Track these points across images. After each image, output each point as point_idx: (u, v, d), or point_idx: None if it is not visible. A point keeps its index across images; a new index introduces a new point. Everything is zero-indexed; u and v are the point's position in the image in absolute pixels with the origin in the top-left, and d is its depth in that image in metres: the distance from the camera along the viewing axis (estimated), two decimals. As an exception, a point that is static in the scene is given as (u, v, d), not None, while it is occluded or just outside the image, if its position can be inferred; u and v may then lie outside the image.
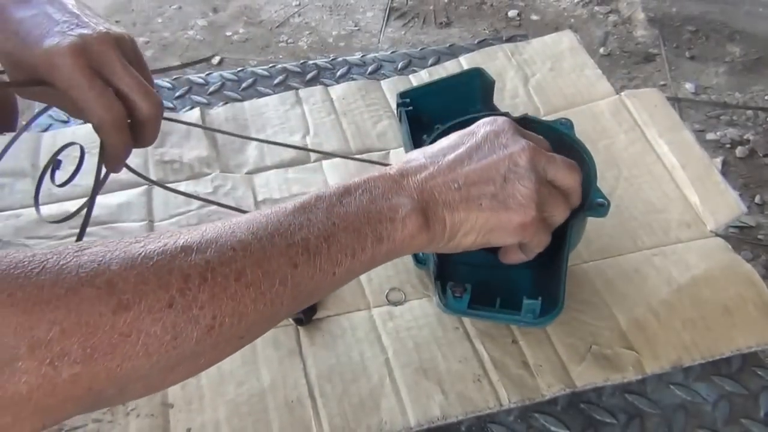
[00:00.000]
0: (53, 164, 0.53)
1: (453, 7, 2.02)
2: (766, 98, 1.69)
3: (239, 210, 0.62)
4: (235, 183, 0.66)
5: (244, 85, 0.77)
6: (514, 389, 0.51)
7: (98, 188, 0.53)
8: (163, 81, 0.78)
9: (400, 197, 0.42)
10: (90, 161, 0.61)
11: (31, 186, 0.65)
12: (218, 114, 0.73)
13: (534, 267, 0.53)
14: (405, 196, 0.42)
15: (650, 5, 1.98)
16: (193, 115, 0.72)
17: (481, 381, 0.52)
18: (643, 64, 1.80)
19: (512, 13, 1.99)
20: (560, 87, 0.75)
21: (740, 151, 1.56)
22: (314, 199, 0.41)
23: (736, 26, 1.89)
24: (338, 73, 0.79)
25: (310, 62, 0.81)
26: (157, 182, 0.63)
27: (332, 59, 0.81)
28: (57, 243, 0.60)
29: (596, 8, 1.99)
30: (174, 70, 0.56)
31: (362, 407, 0.50)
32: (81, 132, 0.70)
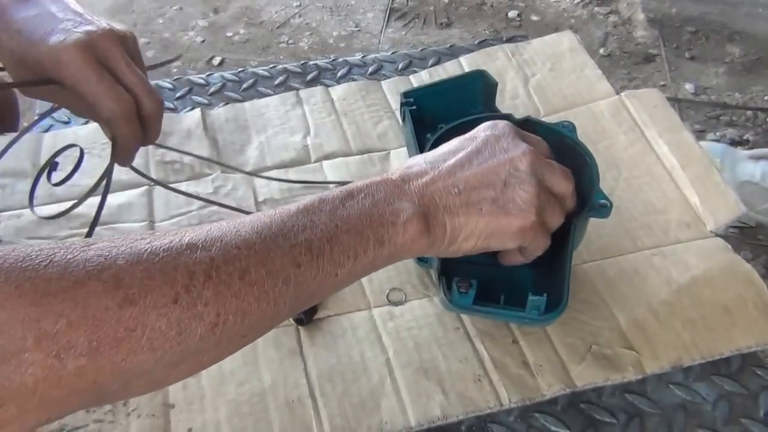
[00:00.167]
0: (50, 165, 0.53)
1: (453, 8, 2.02)
2: (766, 99, 1.69)
3: (241, 210, 0.62)
4: (236, 183, 0.66)
5: (245, 86, 0.77)
6: (515, 389, 0.51)
7: (108, 183, 0.53)
8: (164, 82, 0.78)
9: (402, 202, 0.43)
10: (89, 161, 0.61)
11: (32, 186, 0.66)
12: (219, 114, 0.73)
13: (537, 266, 0.53)
14: (406, 201, 0.43)
15: (650, 6, 1.98)
16: (194, 116, 0.72)
17: (482, 381, 0.52)
18: (643, 65, 1.80)
19: (512, 14, 1.99)
20: (560, 87, 0.75)
21: (740, 152, 1.56)
22: (318, 202, 0.41)
23: (736, 27, 1.89)
24: (339, 74, 0.79)
25: (311, 63, 0.81)
26: (162, 183, 0.63)
27: (333, 60, 0.81)
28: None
29: (596, 9, 1.99)
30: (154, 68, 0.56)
31: (363, 407, 0.50)
32: (82, 133, 0.70)
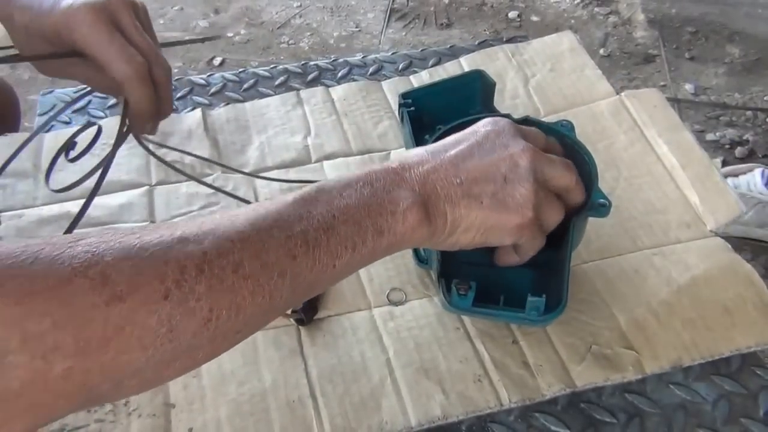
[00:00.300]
0: (69, 143, 0.54)
1: (453, 9, 2.02)
2: (766, 99, 1.69)
3: (245, 201, 0.63)
4: (237, 184, 0.66)
5: (246, 86, 0.78)
6: (515, 389, 0.51)
7: (117, 147, 0.53)
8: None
9: (401, 190, 0.42)
10: (89, 160, 0.62)
11: (33, 186, 0.66)
12: (219, 115, 0.73)
13: (536, 266, 0.53)
14: (406, 189, 0.42)
15: (650, 6, 1.98)
16: (195, 116, 0.72)
17: (482, 381, 0.52)
18: (643, 65, 1.80)
19: (512, 15, 1.99)
20: (560, 87, 0.75)
21: (739, 152, 1.56)
22: (315, 191, 0.40)
23: (736, 27, 1.89)
24: (339, 74, 0.79)
25: (311, 63, 0.81)
26: (190, 176, 0.64)
27: (333, 60, 0.81)
28: (59, 243, 0.61)
29: (596, 9, 1.99)
30: (181, 45, 0.58)
31: (363, 407, 0.50)
32: (81, 133, 0.70)
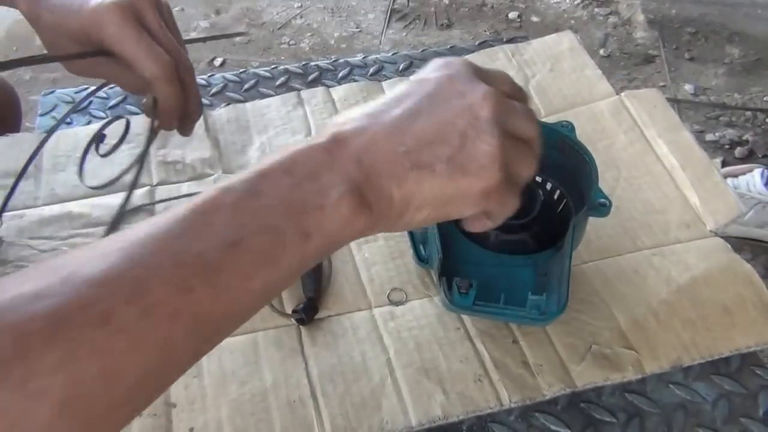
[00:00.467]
0: (98, 138, 0.55)
1: (454, 9, 2.02)
2: (765, 99, 1.70)
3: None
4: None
5: (246, 87, 0.78)
6: (515, 389, 0.51)
7: (149, 144, 0.54)
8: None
9: (332, 173, 0.34)
10: (91, 161, 0.62)
11: (34, 187, 0.66)
12: (220, 115, 0.73)
13: (537, 266, 0.53)
14: (337, 172, 0.34)
15: (650, 7, 1.98)
16: (195, 117, 0.72)
17: (482, 381, 0.52)
18: (643, 66, 1.80)
19: (513, 15, 1.99)
20: (560, 88, 0.75)
21: (739, 152, 1.56)
22: (217, 194, 0.32)
23: (735, 28, 1.89)
24: (340, 75, 0.79)
25: (312, 63, 0.81)
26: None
27: (334, 60, 0.81)
28: (59, 243, 0.61)
29: (596, 10, 2.00)
30: (201, 42, 0.59)
31: (364, 407, 0.51)
32: (83, 133, 0.70)
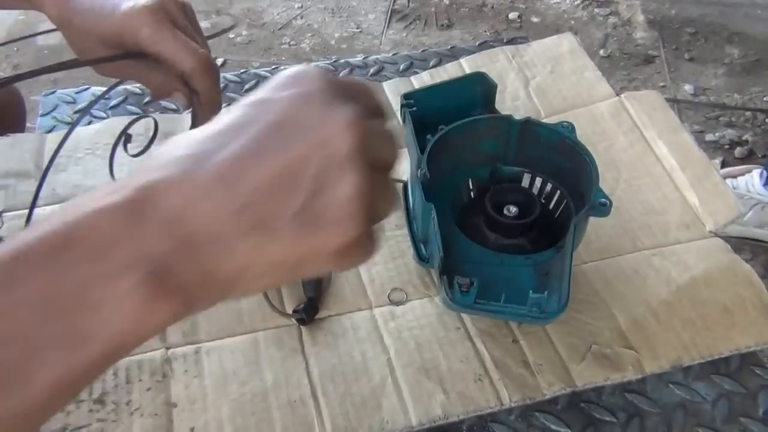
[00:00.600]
0: (125, 137, 0.55)
1: (454, 10, 2.02)
2: (765, 99, 1.70)
3: None
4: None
5: (247, 87, 0.78)
6: (515, 388, 0.51)
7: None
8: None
9: (127, 249, 0.25)
10: (92, 161, 0.62)
11: (35, 187, 0.66)
12: (221, 115, 0.73)
13: (537, 266, 0.53)
14: (136, 246, 0.25)
15: (650, 7, 1.98)
16: (196, 117, 0.72)
17: (482, 380, 0.52)
18: (643, 66, 1.80)
19: (513, 15, 1.99)
20: (560, 89, 0.75)
21: (739, 152, 1.56)
22: None
23: (735, 28, 1.89)
24: (340, 75, 0.79)
25: (313, 64, 0.81)
26: None
27: (334, 61, 0.82)
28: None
29: (596, 10, 2.00)
30: (218, 36, 0.60)
31: (364, 407, 0.51)
32: (84, 134, 0.70)
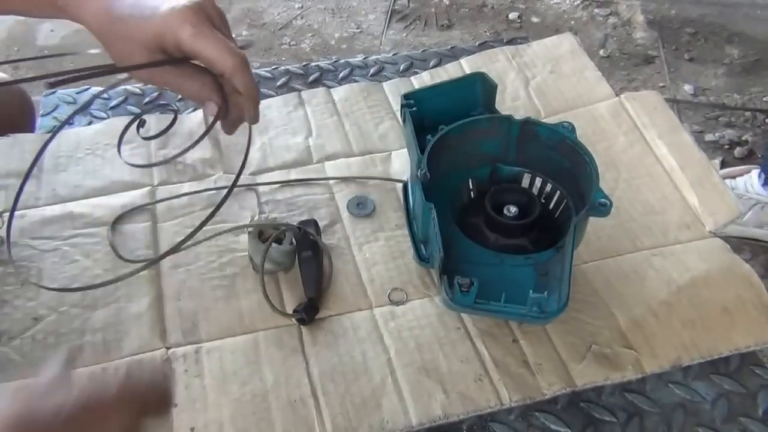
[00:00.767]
0: (139, 120, 0.55)
1: (454, 10, 2.02)
2: (765, 99, 1.70)
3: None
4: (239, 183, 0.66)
5: (247, 87, 0.78)
6: (515, 388, 0.52)
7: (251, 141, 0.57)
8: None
9: None
10: (91, 161, 0.61)
11: (36, 187, 0.66)
12: (221, 116, 0.73)
13: (537, 266, 0.53)
14: None
15: (649, 8, 1.98)
16: (197, 117, 0.72)
17: (483, 380, 0.52)
18: (643, 66, 1.80)
19: (513, 16, 1.99)
20: (560, 89, 0.75)
21: (739, 152, 1.56)
22: None
23: (735, 28, 1.89)
24: (340, 75, 0.79)
25: (313, 64, 0.81)
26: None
27: (334, 61, 0.82)
28: (61, 243, 0.61)
29: (596, 10, 2.00)
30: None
31: (364, 406, 0.51)
32: (85, 134, 0.70)
